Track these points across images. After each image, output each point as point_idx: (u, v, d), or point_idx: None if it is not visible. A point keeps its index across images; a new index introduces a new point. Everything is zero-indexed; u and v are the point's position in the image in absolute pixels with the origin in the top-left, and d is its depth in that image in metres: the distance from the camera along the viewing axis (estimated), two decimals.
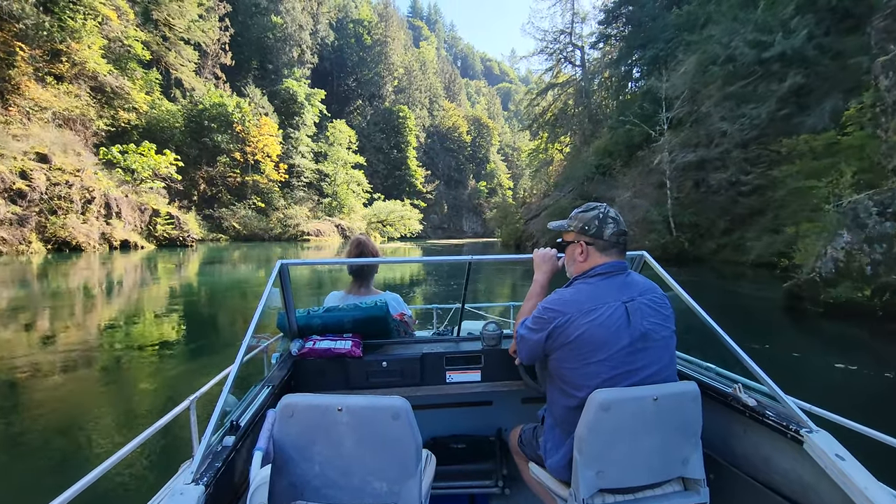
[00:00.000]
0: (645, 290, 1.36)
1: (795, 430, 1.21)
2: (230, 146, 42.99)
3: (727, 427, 1.47)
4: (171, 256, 21.25)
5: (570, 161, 39.07)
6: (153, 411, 3.98)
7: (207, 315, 9.20)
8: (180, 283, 13.53)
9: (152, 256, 20.72)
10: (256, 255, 25.23)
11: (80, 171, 19.90)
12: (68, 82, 29.61)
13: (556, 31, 43.36)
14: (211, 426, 1.13)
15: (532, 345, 1.38)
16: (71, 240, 18.75)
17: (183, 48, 39.59)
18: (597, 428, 1.20)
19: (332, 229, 48.06)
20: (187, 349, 6.48)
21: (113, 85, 32.37)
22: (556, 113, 45.90)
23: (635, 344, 1.27)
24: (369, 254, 2.34)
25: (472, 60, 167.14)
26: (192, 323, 8.19)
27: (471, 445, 2.24)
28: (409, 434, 1.14)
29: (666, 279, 1.70)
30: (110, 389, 4.76)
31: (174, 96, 40.11)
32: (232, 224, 41.50)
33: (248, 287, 13.04)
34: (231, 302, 10.79)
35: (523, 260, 1.94)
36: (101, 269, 15.60)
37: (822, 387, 4.84)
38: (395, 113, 70.66)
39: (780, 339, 7.00)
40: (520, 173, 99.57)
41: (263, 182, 45.81)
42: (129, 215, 22.83)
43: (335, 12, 71.53)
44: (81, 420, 3.88)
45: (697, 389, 1.29)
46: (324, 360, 1.88)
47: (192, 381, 4.77)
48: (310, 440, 1.16)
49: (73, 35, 29.01)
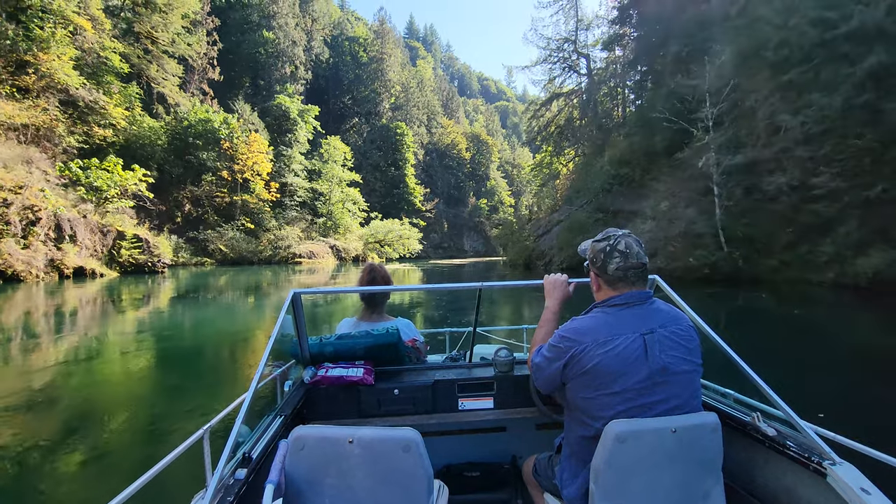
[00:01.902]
0: (667, 322, 1.31)
1: (818, 462, 1.18)
2: (217, 164, 40.39)
3: (748, 457, 1.42)
4: (134, 286, 18.26)
5: (580, 173, 36.42)
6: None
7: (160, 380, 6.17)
8: (128, 323, 10.49)
9: (113, 286, 17.71)
10: (243, 282, 22.22)
11: (21, 189, 17.00)
12: (35, 96, 27.11)
13: (560, 39, 41.35)
14: (223, 458, 1.13)
15: (550, 374, 1.36)
16: (6, 268, 15.68)
17: (167, 62, 37.35)
18: (613, 460, 1.16)
19: (326, 251, 45.06)
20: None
21: (86, 99, 29.85)
22: (560, 125, 43.69)
23: (654, 377, 1.23)
24: (381, 280, 2.35)
25: (469, 80, 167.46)
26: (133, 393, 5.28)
27: (485, 473, 2.17)
28: (420, 466, 1.13)
29: (678, 303, 1.59)
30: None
31: (157, 112, 37.68)
32: (218, 247, 38.55)
33: (225, 330, 9.83)
34: (200, 352, 7.72)
35: (534, 286, 1.85)
36: (28, 305, 12.56)
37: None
38: (392, 130, 68.57)
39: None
40: (521, 190, 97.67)
41: (253, 202, 43.05)
42: (87, 239, 19.84)
43: (330, 29, 70.26)
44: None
45: (717, 420, 1.24)
46: (336, 388, 1.87)
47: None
48: (321, 473, 1.15)
49: (40, 45, 26.63)
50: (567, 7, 41.05)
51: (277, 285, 21.57)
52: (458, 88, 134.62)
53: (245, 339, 8.85)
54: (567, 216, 31.76)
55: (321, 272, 36.45)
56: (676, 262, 15.34)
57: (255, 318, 11.68)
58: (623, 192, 27.44)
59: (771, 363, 5.79)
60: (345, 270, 37.43)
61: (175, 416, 4.50)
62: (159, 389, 5.64)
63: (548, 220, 35.55)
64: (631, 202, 26.81)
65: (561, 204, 40.00)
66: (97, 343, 7.89)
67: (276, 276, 29.36)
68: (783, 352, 6.93)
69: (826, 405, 4.37)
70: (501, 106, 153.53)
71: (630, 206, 26.41)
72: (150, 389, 5.65)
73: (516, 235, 36.50)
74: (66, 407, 4.83)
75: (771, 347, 7.19)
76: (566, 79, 42.71)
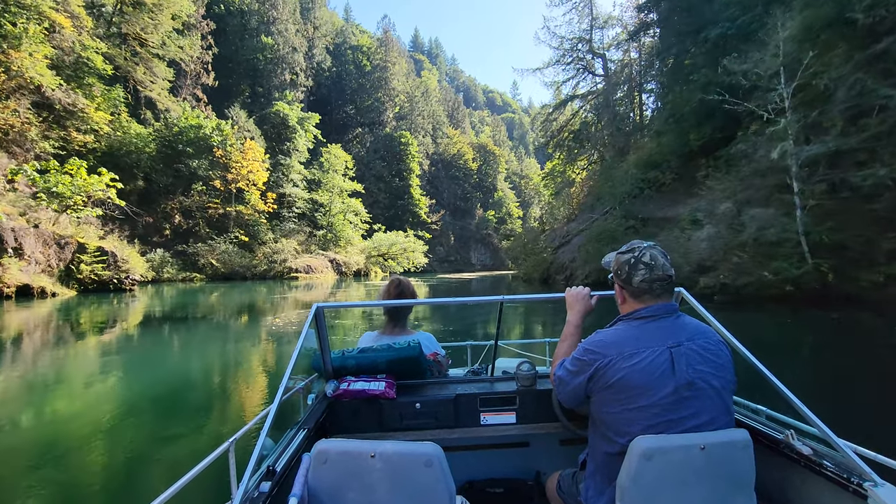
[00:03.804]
0: (695, 335, 1.27)
1: (858, 483, 1.12)
2: (210, 173, 37.89)
3: (783, 477, 1.37)
4: (92, 307, 15.43)
5: (600, 179, 33.51)
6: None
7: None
8: (52, 360, 7.54)
9: (65, 307, 14.88)
10: (227, 302, 19.31)
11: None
12: (4, 96, 24.80)
13: (574, 39, 38.85)
14: (248, 471, 1.14)
15: (574, 388, 1.35)
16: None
17: (156, 64, 35.14)
18: (640, 478, 1.12)
19: (326, 265, 42.12)
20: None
21: (64, 101, 27.55)
22: (574, 129, 40.99)
23: (680, 392, 1.19)
24: (409, 294, 2.38)
25: (475, 92, 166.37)
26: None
27: (509, 490, 2.11)
28: (442, 481, 1.12)
29: (705, 316, 1.55)
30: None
31: (145, 118, 35.37)
32: (209, 261, 35.80)
33: (204, 379, 7.00)
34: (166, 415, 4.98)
35: (556, 299, 1.78)
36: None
37: None
38: (396, 139, 66.18)
39: None
40: (529, 201, 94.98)
41: (248, 213, 40.42)
42: (38, 252, 17.01)
43: (332, 37, 68.57)
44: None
45: (748, 437, 1.19)
46: (358, 402, 1.87)
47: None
48: (343, 487, 1.16)
49: (11, 42, 24.38)
50: (581, 5, 38.67)
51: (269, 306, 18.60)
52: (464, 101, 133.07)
53: (217, 387, 6.41)
54: (588, 225, 28.71)
55: (319, 288, 33.66)
56: (746, 276, 12.21)
57: (233, 357, 8.66)
58: (652, 198, 24.48)
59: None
60: (345, 286, 34.71)
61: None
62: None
63: (565, 231, 32.51)
64: (658, 209, 23.85)
65: (577, 213, 37.08)
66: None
67: (270, 293, 26.55)
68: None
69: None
70: (507, 118, 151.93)
71: (663, 211, 23.42)
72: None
73: (530, 247, 33.32)
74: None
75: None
76: (580, 81, 40.16)
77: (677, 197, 23.99)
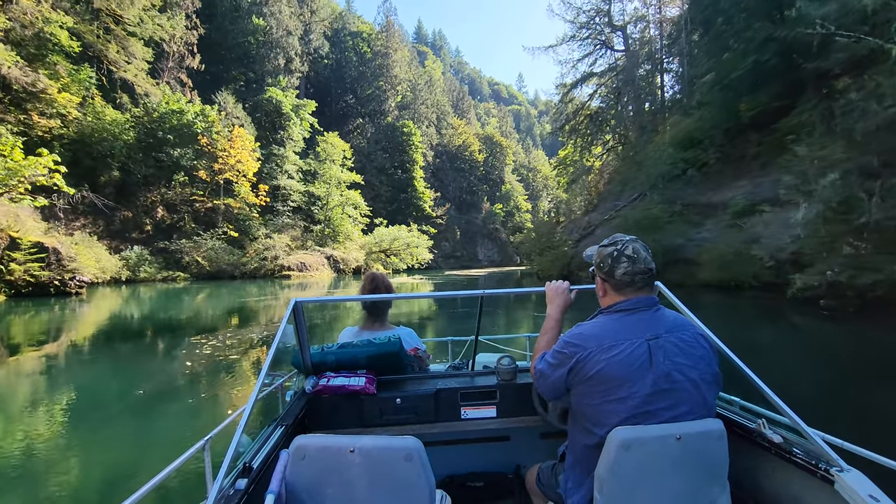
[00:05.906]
0: (673, 328, 1.28)
1: (825, 470, 1.15)
2: (194, 163, 34.78)
3: (755, 465, 1.40)
4: (26, 315, 12.47)
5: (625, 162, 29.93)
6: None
7: None
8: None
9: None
10: (203, 307, 16.19)
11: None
12: None
13: (592, 11, 35.19)
14: (224, 468, 1.12)
15: (554, 380, 1.34)
16: None
17: (132, 43, 31.96)
18: (618, 468, 1.13)
19: (322, 262, 38.87)
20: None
21: (21, 80, 24.46)
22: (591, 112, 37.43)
23: (658, 383, 1.20)
24: (383, 290, 2.34)
25: (480, 84, 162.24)
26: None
27: (489, 484, 2.14)
28: (422, 476, 1.12)
29: (682, 310, 1.53)
30: None
31: (121, 103, 32.26)
32: (194, 259, 32.76)
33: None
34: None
35: (536, 293, 1.82)
36: None
37: None
38: (398, 129, 62.63)
39: None
40: (537, 194, 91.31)
41: (238, 206, 37.29)
42: None
43: (331, 22, 65.06)
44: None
45: (722, 427, 1.21)
46: (338, 397, 1.85)
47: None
48: (322, 483, 1.14)
49: None
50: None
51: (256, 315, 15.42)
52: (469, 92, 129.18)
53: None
54: (615, 213, 25.24)
55: (314, 287, 30.60)
56: (871, 273, 8.76)
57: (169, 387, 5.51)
58: (694, 180, 21.04)
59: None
60: (343, 284, 31.63)
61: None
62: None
63: (587, 221, 29.03)
64: (701, 193, 20.43)
65: (597, 202, 33.58)
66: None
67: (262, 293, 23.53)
68: None
69: None
70: (514, 110, 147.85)
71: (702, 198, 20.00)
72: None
73: (545, 241, 29.81)
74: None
75: None
76: (598, 58, 36.54)
77: (723, 179, 20.55)
